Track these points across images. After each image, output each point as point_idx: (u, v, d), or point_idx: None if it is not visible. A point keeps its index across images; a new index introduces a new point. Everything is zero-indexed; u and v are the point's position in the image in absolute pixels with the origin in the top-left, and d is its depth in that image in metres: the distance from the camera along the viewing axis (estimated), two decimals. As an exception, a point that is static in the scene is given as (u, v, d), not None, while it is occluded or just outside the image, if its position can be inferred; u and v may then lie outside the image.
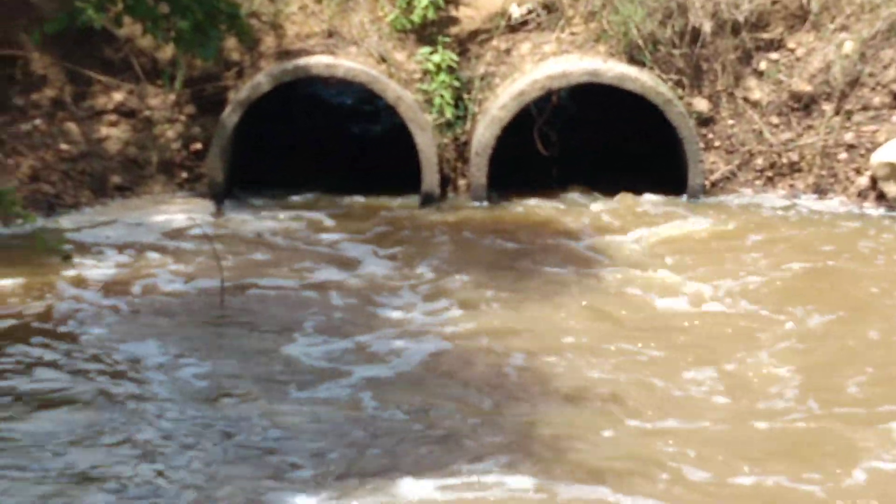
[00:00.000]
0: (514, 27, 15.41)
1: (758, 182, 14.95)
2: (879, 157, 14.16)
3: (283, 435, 8.86)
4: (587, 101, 16.38)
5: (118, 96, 14.92)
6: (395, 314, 11.21)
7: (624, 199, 14.51)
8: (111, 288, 11.93)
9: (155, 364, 10.10)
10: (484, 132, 14.46)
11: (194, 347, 10.53)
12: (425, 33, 15.28)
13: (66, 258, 11.35)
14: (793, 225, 13.90)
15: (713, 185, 14.93)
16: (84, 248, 13.01)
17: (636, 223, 13.84)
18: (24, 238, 12.91)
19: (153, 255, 12.78)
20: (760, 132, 14.92)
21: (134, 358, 10.24)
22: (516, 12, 15.30)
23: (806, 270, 12.45)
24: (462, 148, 15.03)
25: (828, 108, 14.81)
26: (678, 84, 15.00)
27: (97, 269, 12.39)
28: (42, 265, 12.12)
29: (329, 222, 13.97)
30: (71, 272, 12.05)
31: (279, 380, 9.90)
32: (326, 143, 17.13)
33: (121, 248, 13.02)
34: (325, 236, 13.56)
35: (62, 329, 10.91)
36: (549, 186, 14.93)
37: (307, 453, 8.54)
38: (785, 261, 12.67)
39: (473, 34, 15.39)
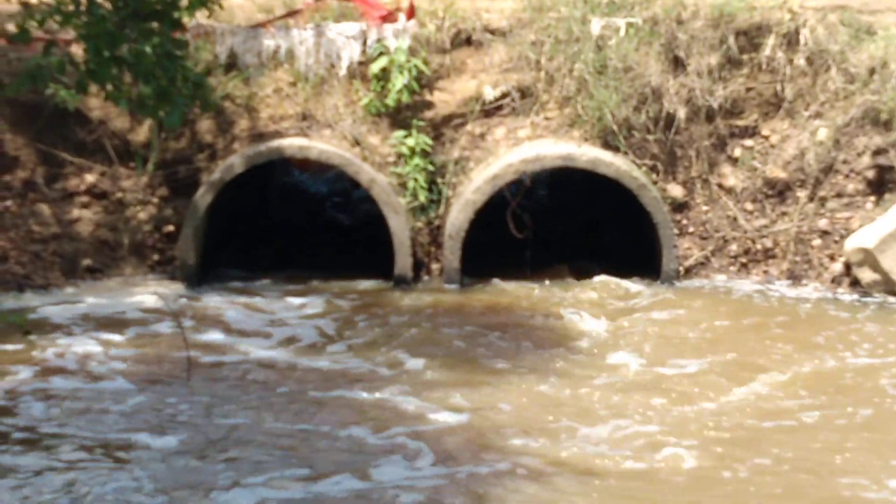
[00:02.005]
0: (489, 111, 15.50)
1: (732, 268, 14.94)
2: (853, 244, 14.21)
3: None
4: (562, 187, 16.52)
5: (90, 178, 14.91)
6: (352, 395, 11.12)
7: (597, 284, 14.48)
8: (77, 364, 11.70)
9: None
10: (458, 215, 14.45)
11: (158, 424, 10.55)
12: (399, 117, 15.35)
13: (27, 333, 11.37)
14: (764, 311, 13.86)
15: (687, 270, 14.91)
16: (50, 327, 12.86)
17: (607, 308, 13.79)
18: None
19: (120, 336, 12.61)
20: (735, 218, 14.95)
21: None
22: (490, 94, 15.36)
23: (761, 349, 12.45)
24: (436, 231, 15.05)
25: (802, 194, 14.88)
26: (653, 169, 15.06)
27: (59, 348, 12.19)
28: (5, 344, 12.02)
29: (301, 303, 13.90)
30: (35, 351, 11.88)
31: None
32: (302, 229, 17.15)
33: (88, 327, 12.86)
34: (295, 317, 13.42)
35: (17, 406, 10.75)
36: (522, 270, 14.91)
37: None
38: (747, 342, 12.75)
39: (448, 118, 15.49)
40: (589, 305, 13.99)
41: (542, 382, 11.49)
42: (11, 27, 11.79)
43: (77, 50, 10.68)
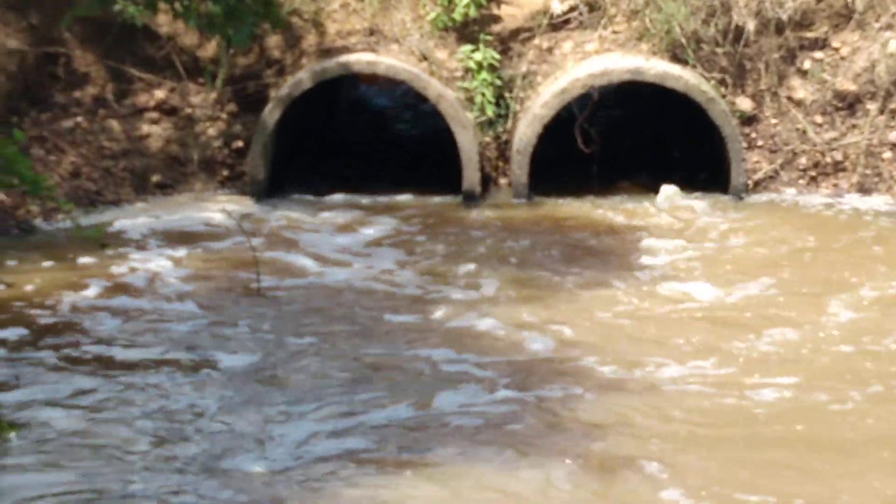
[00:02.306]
0: (556, 25, 15.47)
1: (801, 181, 14.95)
2: None
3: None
4: (630, 102, 16.56)
5: (160, 94, 15.08)
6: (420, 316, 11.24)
7: (665, 197, 14.52)
8: (147, 280, 11.96)
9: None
10: (525, 130, 14.52)
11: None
12: (467, 31, 15.36)
13: (104, 246, 11.60)
14: (839, 225, 13.96)
15: (756, 184, 14.90)
16: (122, 242, 13.11)
17: (676, 224, 13.87)
18: (66, 232, 12.94)
19: (189, 249, 12.89)
20: (804, 131, 14.91)
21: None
22: (558, 9, 15.32)
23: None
24: (503, 146, 15.12)
25: (872, 107, 14.80)
26: (721, 83, 15.01)
27: (132, 262, 12.46)
28: (80, 257, 12.27)
29: (369, 218, 14.08)
30: (107, 266, 12.15)
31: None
32: (370, 144, 17.30)
33: (161, 243, 13.13)
34: (364, 234, 13.63)
35: (86, 321, 11.06)
36: (590, 186, 15.01)
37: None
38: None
39: (515, 32, 15.49)
40: (658, 220, 14.02)
41: (611, 305, 11.37)
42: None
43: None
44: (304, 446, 8.43)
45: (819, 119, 14.99)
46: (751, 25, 14.97)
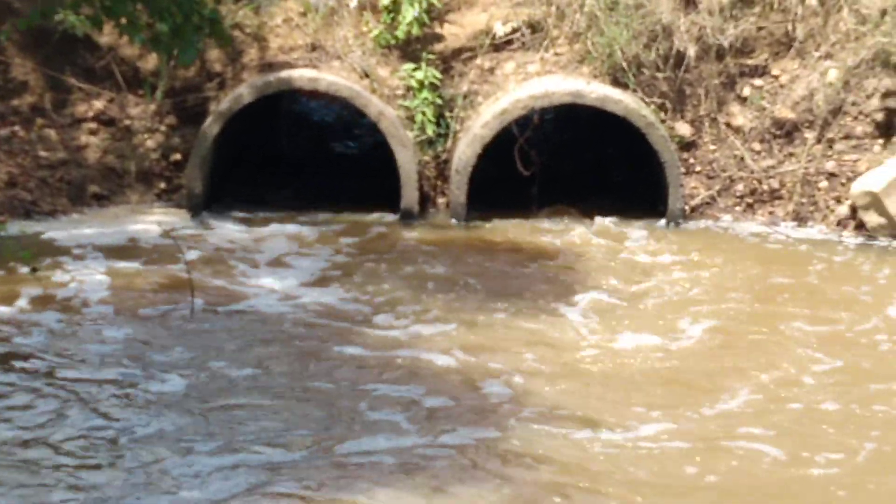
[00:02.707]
0: (499, 46, 15.49)
1: (738, 208, 14.99)
2: (860, 187, 14.28)
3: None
4: (570, 124, 16.56)
5: (98, 104, 15.01)
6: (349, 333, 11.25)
7: (601, 223, 14.56)
8: (77, 293, 11.88)
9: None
10: (465, 150, 14.50)
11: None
12: (409, 49, 15.38)
13: (34, 270, 11.28)
14: (769, 253, 14.05)
15: (693, 209, 14.97)
16: (57, 252, 13.06)
17: (610, 247, 13.87)
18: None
19: (124, 263, 12.81)
20: (742, 158, 14.98)
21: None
22: (501, 30, 15.37)
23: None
24: (443, 166, 15.09)
25: (810, 135, 14.89)
26: (661, 108, 15.05)
27: (64, 275, 12.37)
28: (14, 268, 12.16)
29: (306, 235, 14.03)
30: (43, 277, 11.90)
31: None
32: (309, 158, 17.30)
33: (95, 255, 13.03)
34: (299, 249, 13.62)
35: (28, 330, 10.88)
36: (529, 207, 15.00)
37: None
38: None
39: (457, 52, 15.50)
40: (593, 244, 14.02)
41: (537, 325, 11.40)
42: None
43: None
44: (214, 482, 8.34)
45: (757, 146, 15.03)
46: (691, 51, 15.05)
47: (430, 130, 14.99)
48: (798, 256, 13.96)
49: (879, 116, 14.79)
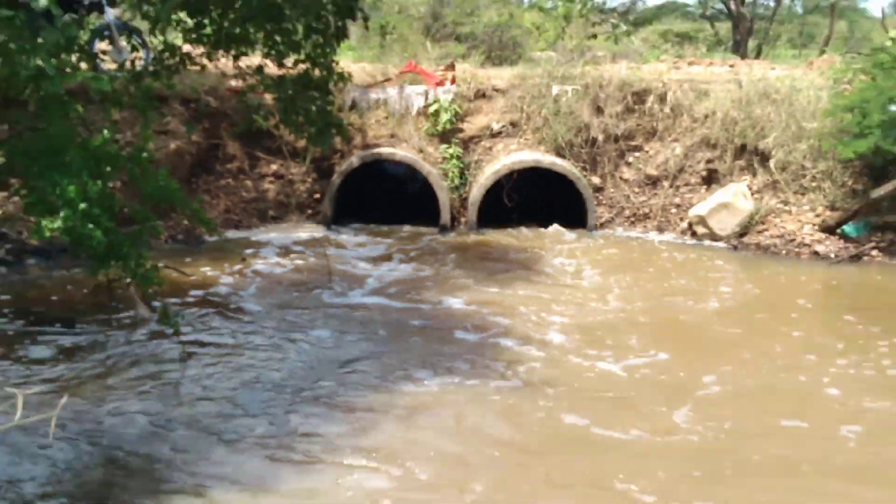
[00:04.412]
0: (494, 134, 18.64)
1: (626, 224, 18.21)
2: (694, 212, 17.12)
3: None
4: (534, 177, 18.19)
5: (274, 167, 17.96)
6: (414, 293, 11.74)
7: (553, 232, 17.13)
8: (270, 271, 13.27)
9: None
10: (476, 192, 17.09)
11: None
12: (444, 136, 18.42)
13: (243, 260, 13.16)
14: (643, 248, 15.75)
15: (601, 224, 17.87)
16: (254, 246, 15.05)
17: (559, 244, 16.24)
18: (221, 243, 14.92)
19: (292, 255, 14.65)
20: (628, 196, 18.05)
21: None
22: (495, 126, 18.72)
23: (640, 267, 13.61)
24: (464, 201, 17.74)
25: (666, 184, 18.08)
26: (584, 168, 17.96)
27: (258, 261, 13.93)
28: (230, 259, 13.62)
29: (389, 239, 16.47)
30: (246, 266, 13.20)
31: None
32: (388, 197, 19.24)
33: (276, 250, 15.07)
34: (386, 246, 15.92)
35: (239, 293, 11.81)
36: (511, 223, 17.59)
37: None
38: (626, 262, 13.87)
39: (472, 138, 18.69)
40: (548, 243, 16.31)
41: (525, 286, 12.56)
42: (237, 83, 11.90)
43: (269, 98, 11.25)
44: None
45: (636, 189, 18.20)
46: (600, 137, 18.30)
47: (456, 181, 17.80)
48: (658, 250, 15.83)
49: (704, 173, 17.85)
